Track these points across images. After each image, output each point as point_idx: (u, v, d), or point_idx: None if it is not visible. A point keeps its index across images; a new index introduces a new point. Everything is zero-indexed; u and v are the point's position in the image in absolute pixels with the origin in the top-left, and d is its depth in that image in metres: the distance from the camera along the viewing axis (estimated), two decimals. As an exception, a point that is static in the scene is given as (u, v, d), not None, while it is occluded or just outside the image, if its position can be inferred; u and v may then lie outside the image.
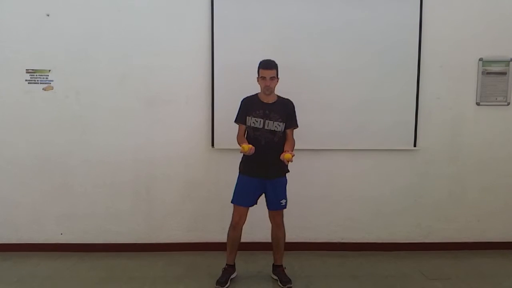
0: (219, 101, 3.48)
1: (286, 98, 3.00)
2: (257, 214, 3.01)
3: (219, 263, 3.11)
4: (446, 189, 3.67)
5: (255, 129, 2.91)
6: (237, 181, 2.99)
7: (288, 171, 3.01)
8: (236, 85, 3.34)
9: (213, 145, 3.54)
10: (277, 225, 3.02)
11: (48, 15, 3.42)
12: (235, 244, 3.01)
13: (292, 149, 2.88)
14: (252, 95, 3.00)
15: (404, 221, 3.68)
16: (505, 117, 3.63)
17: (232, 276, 3.04)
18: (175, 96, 3.52)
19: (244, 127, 2.96)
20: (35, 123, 3.50)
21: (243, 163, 2.99)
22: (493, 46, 3.56)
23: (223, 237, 3.07)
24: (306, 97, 3.37)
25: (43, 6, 3.41)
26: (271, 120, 2.89)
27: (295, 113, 2.99)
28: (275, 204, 2.96)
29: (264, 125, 2.90)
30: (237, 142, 2.94)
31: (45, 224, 3.57)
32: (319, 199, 3.62)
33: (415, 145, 3.59)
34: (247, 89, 3.03)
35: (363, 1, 3.49)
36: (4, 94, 3.47)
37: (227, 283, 2.96)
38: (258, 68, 2.92)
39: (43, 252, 3.51)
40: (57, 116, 3.50)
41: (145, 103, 3.52)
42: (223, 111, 3.41)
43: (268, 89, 2.89)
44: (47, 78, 3.48)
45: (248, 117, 2.93)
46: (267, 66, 2.88)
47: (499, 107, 3.62)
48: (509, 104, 3.62)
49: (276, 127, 2.90)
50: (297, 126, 3.00)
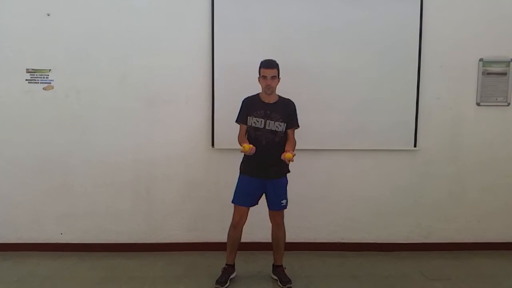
0: (219, 101, 3.48)
1: (287, 98, 3.00)
2: (257, 214, 3.01)
3: (219, 263, 3.11)
4: (446, 189, 3.67)
5: (256, 129, 2.91)
6: (238, 181, 2.99)
7: (288, 171, 3.01)
8: (236, 85, 3.35)
9: (213, 145, 3.54)
10: (278, 225, 3.02)
11: (48, 15, 3.43)
12: (235, 244, 3.01)
13: (293, 149, 2.87)
14: (253, 95, 3.00)
15: (404, 221, 3.68)
16: (505, 117, 3.63)
17: (231, 276, 3.04)
18: (175, 96, 3.52)
19: (245, 127, 2.96)
20: (35, 122, 3.50)
21: (243, 163, 2.99)
22: (493, 46, 3.56)
23: (223, 237, 3.07)
24: (306, 97, 3.36)
25: (43, 6, 3.41)
26: (272, 120, 2.89)
27: (296, 113, 2.99)
28: (275, 204, 2.96)
29: (265, 125, 2.89)
30: (238, 142, 2.93)
31: (45, 223, 3.57)
32: (319, 199, 3.62)
33: (415, 145, 3.59)
34: (247, 89, 3.03)
35: (363, 1, 3.49)
36: (4, 93, 3.47)
37: (226, 283, 2.96)
38: (259, 67, 2.92)
39: (43, 251, 3.51)
40: (57, 115, 3.50)
41: (145, 103, 3.52)
42: (223, 111, 3.41)
43: (269, 88, 2.88)
44: (47, 77, 3.48)
45: (249, 117, 2.92)
46: (268, 65, 2.88)
47: (500, 107, 3.62)
48: (509, 104, 3.62)
49: (277, 127, 2.90)
50: (298, 126, 3.00)
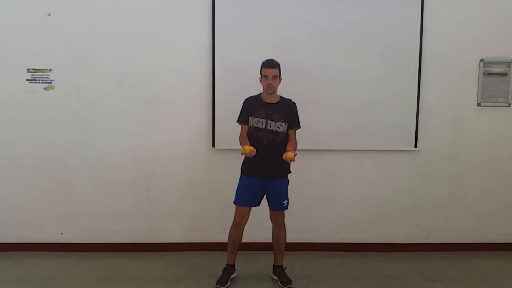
0: (220, 101, 3.48)
1: (288, 98, 3.00)
2: (257, 214, 3.01)
3: (219, 263, 3.11)
4: (446, 189, 3.67)
5: (257, 129, 2.91)
6: (239, 182, 2.98)
7: (290, 172, 3.01)
8: (237, 85, 3.35)
9: (213, 145, 3.54)
10: (278, 226, 3.01)
11: (49, 15, 3.43)
12: (236, 244, 3.01)
13: (294, 149, 2.86)
14: (254, 95, 2.99)
15: (404, 221, 3.68)
16: (506, 118, 3.63)
17: (232, 276, 3.04)
18: (176, 96, 3.52)
19: (246, 127, 2.95)
20: (36, 122, 3.50)
21: (244, 163, 2.98)
22: (494, 47, 3.56)
23: (224, 237, 3.07)
24: (306, 97, 3.36)
25: (44, 6, 3.41)
26: (273, 120, 2.89)
27: (298, 114, 2.99)
28: (276, 204, 2.96)
29: (266, 125, 2.89)
30: (239, 142, 2.93)
31: (45, 223, 3.57)
32: (319, 200, 3.62)
33: (415, 146, 3.59)
34: (248, 89, 3.03)
35: (364, 1, 3.49)
36: (5, 93, 3.47)
37: (227, 283, 2.95)
38: (260, 67, 2.92)
39: (43, 251, 3.51)
40: (57, 115, 3.50)
41: (145, 103, 3.52)
42: (224, 111, 3.42)
43: (270, 87, 2.88)
44: (48, 77, 3.48)
45: (250, 117, 2.92)
46: (270, 65, 2.88)
47: (500, 108, 3.62)
48: (510, 105, 3.62)
49: (278, 127, 2.90)
50: (299, 126, 2.99)
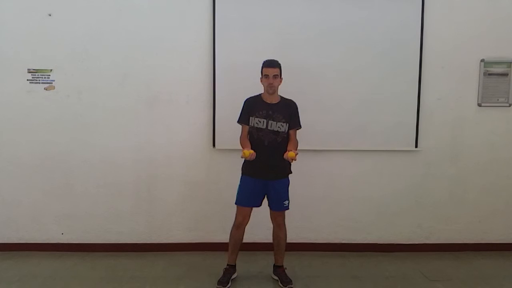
0: (221, 101, 3.48)
1: (289, 98, 3.00)
2: (258, 214, 3.01)
3: (220, 263, 3.12)
4: (447, 190, 3.67)
5: (258, 129, 2.90)
6: (240, 182, 2.98)
7: (290, 172, 3.01)
8: (237, 85, 3.35)
9: (214, 145, 3.54)
10: (279, 226, 3.01)
11: (49, 15, 3.43)
12: (237, 244, 3.01)
13: (295, 149, 2.86)
14: (255, 96, 2.99)
15: (405, 222, 3.68)
16: (506, 118, 3.63)
17: (232, 276, 3.04)
18: (177, 96, 3.52)
19: (247, 127, 2.95)
20: (37, 122, 3.50)
21: (245, 164, 2.98)
22: (495, 47, 3.56)
23: (224, 237, 3.07)
24: (307, 97, 3.37)
25: (44, 6, 3.42)
26: (274, 120, 2.89)
27: (298, 114, 2.99)
28: (278, 205, 2.96)
29: (267, 126, 2.89)
30: (240, 143, 2.93)
31: (46, 223, 3.57)
32: (320, 200, 3.62)
33: (416, 146, 3.59)
34: (248, 89, 3.03)
35: (365, 1, 3.48)
36: (5, 93, 3.47)
37: (228, 283, 2.95)
38: (261, 68, 2.92)
39: (44, 251, 3.52)
40: (58, 115, 3.50)
41: (146, 103, 3.52)
42: (225, 111, 3.42)
43: (271, 87, 2.88)
44: (48, 77, 3.48)
45: (251, 118, 2.92)
46: (271, 64, 2.88)
47: (501, 108, 3.62)
48: (510, 105, 3.61)
49: (279, 127, 2.90)
50: (300, 127, 2.99)
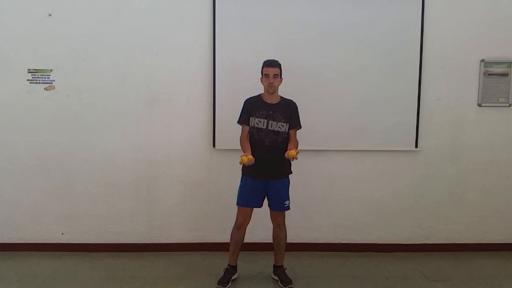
0: (221, 101, 3.48)
1: (289, 99, 3.00)
2: (258, 214, 3.01)
3: (220, 264, 3.12)
4: (447, 190, 3.67)
5: (258, 129, 2.90)
6: (241, 183, 2.98)
7: (291, 172, 3.01)
8: (237, 85, 3.36)
9: (214, 145, 3.54)
10: (279, 226, 3.01)
11: (50, 15, 3.43)
12: (238, 244, 3.01)
13: (295, 148, 2.85)
14: (255, 96, 2.99)
15: (405, 222, 3.68)
16: (506, 118, 3.63)
17: (233, 277, 3.04)
18: (177, 96, 3.52)
19: (247, 128, 2.95)
20: (37, 122, 3.50)
21: (246, 165, 2.96)
22: (495, 47, 3.56)
23: (224, 238, 3.07)
24: (307, 97, 3.37)
25: (44, 6, 3.42)
26: (274, 120, 2.89)
27: (298, 114, 2.99)
28: (278, 205, 2.96)
29: (267, 126, 2.89)
30: (240, 144, 2.93)
31: (46, 223, 3.57)
32: (320, 200, 3.62)
33: (416, 146, 3.59)
34: (248, 89, 3.03)
35: (365, 1, 3.48)
36: (5, 93, 3.47)
37: (228, 284, 2.95)
38: (261, 67, 2.92)
39: (44, 251, 3.52)
40: (58, 115, 3.50)
41: (146, 103, 3.52)
42: (225, 111, 3.42)
43: (271, 87, 2.88)
44: (48, 77, 3.48)
45: (251, 118, 2.92)
46: (271, 64, 2.89)
47: (501, 108, 3.62)
48: (510, 105, 3.62)
49: (279, 127, 2.90)
50: (300, 127, 2.99)
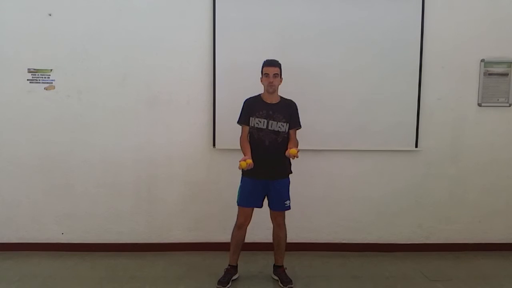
0: (221, 101, 3.48)
1: (288, 99, 3.00)
2: (258, 214, 3.01)
3: (220, 263, 3.12)
4: (447, 190, 3.67)
5: (258, 129, 2.90)
6: (241, 183, 2.98)
7: (291, 172, 3.01)
8: (237, 85, 3.36)
9: (214, 145, 3.54)
10: (279, 226, 3.01)
11: (50, 15, 3.43)
12: (239, 244, 3.01)
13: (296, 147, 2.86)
14: (254, 96, 2.99)
15: (405, 222, 3.68)
16: (506, 118, 3.63)
17: (233, 277, 3.03)
18: (177, 96, 3.52)
19: (247, 128, 2.95)
20: (37, 122, 3.50)
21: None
22: (495, 47, 3.56)
23: (224, 237, 3.07)
24: (307, 97, 3.37)
25: (45, 6, 3.41)
26: (274, 120, 2.89)
27: (298, 114, 2.99)
28: (279, 205, 2.96)
29: (267, 126, 2.89)
30: (240, 145, 2.93)
31: (46, 223, 3.57)
32: (320, 200, 3.62)
33: (416, 146, 3.59)
34: (248, 89, 3.03)
35: (365, 1, 3.48)
36: (5, 93, 3.47)
37: (228, 283, 2.95)
38: (261, 67, 2.92)
39: (44, 251, 3.52)
40: (58, 115, 3.50)
41: (146, 103, 3.52)
42: (225, 111, 3.42)
43: (271, 86, 2.88)
44: (48, 77, 3.48)
45: (251, 118, 2.92)
46: (271, 63, 2.89)
47: (501, 108, 3.62)
48: (510, 105, 3.61)
49: (279, 127, 2.90)
50: (300, 126, 2.99)
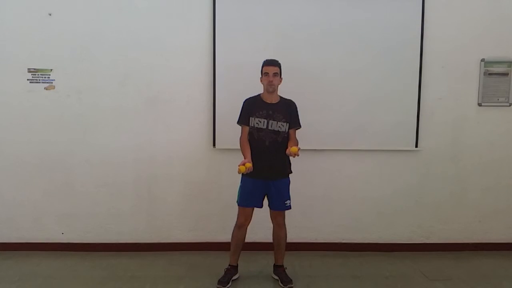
0: (221, 100, 3.48)
1: (288, 98, 3.00)
2: (258, 214, 3.01)
3: (220, 263, 3.12)
4: (447, 190, 3.67)
5: (258, 129, 2.90)
6: (241, 183, 2.98)
7: (291, 172, 3.01)
8: (237, 85, 3.36)
9: (214, 145, 3.54)
10: (279, 225, 3.01)
11: (50, 15, 3.43)
12: (239, 244, 3.01)
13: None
14: (254, 96, 2.99)
15: (405, 221, 3.68)
16: (507, 118, 3.63)
17: (234, 277, 3.03)
18: (177, 95, 3.52)
19: (247, 128, 2.95)
20: (37, 122, 3.50)
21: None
22: (495, 47, 3.56)
23: (224, 237, 3.07)
24: (307, 97, 3.37)
25: (45, 5, 3.42)
26: (274, 120, 2.89)
27: (298, 114, 2.99)
28: (279, 204, 2.96)
29: (267, 126, 2.89)
30: (240, 145, 2.93)
31: (47, 223, 3.58)
32: (320, 199, 3.63)
33: (416, 146, 3.59)
34: (248, 89, 3.03)
35: (365, 1, 3.48)
36: (6, 93, 3.47)
37: (228, 283, 2.95)
38: (261, 67, 2.92)
39: (44, 251, 3.52)
40: (58, 115, 3.50)
41: (146, 102, 3.52)
42: (225, 111, 3.42)
43: (271, 85, 2.88)
44: (48, 77, 3.48)
45: (251, 118, 2.92)
46: (271, 63, 2.89)
47: (501, 108, 3.62)
48: (511, 105, 3.61)
49: (279, 127, 2.90)
50: (300, 126, 3.00)
